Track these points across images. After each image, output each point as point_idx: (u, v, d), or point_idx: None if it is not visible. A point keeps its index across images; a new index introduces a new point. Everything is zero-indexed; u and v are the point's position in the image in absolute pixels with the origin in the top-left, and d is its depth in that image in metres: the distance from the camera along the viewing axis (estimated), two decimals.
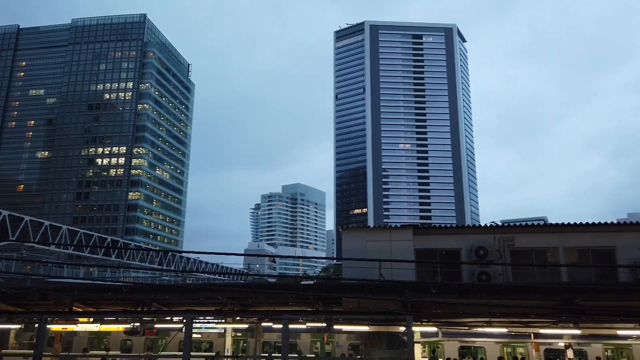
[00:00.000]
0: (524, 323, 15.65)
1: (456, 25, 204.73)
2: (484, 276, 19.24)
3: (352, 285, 15.99)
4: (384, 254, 19.56)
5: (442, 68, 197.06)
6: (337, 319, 15.73)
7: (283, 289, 17.19)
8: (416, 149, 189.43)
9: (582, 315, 14.39)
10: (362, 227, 23.92)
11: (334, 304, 17.58)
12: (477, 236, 20.51)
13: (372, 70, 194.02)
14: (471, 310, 15.40)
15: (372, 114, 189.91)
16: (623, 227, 20.11)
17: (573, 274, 19.85)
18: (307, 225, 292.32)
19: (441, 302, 15.54)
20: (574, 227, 19.90)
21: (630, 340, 18.18)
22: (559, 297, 14.84)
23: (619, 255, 19.23)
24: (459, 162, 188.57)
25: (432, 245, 21.21)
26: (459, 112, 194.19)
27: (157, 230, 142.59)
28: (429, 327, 16.71)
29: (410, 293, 15.08)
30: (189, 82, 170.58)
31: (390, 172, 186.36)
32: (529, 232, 20.51)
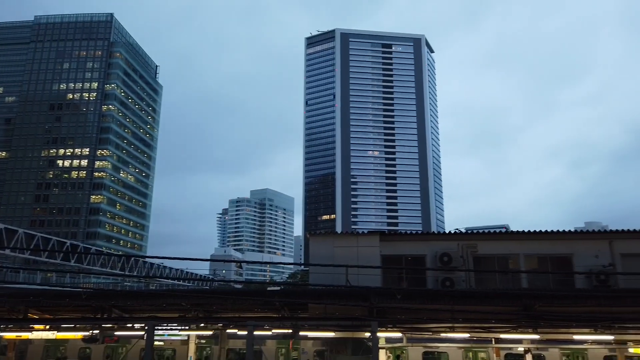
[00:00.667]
0: (486, 328, 15.99)
1: (424, 36, 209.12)
2: (447, 282, 19.58)
3: (318, 291, 15.99)
4: (351, 260, 19.64)
5: (411, 77, 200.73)
6: (303, 325, 15.68)
7: (249, 295, 17.03)
8: (384, 156, 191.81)
9: (541, 321, 14.83)
10: (330, 233, 23.99)
11: (300, 310, 17.52)
12: (442, 243, 20.89)
13: (342, 77, 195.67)
14: (435, 316, 15.65)
15: (342, 120, 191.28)
16: (579, 235, 20.89)
17: (533, 280, 20.46)
18: (275, 230, 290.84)
19: (406, 308, 15.72)
20: (534, 234, 20.54)
21: (585, 345, 18.82)
22: (519, 303, 15.26)
23: (576, 262, 19.96)
24: (425, 170, 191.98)
25: (398, 252, 21.46)
26: (426, 120, 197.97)
27: (120, 235, 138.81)
28: (394, 332, 16.85)
29: (375, 299, 15.21)
30: (157, 84, 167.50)
31: (358, 179, 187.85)
32: (491, 239, 21.03)
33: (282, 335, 17.56)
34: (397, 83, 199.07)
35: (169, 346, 23.63)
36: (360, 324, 15.18)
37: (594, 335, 15.81)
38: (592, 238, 20.48)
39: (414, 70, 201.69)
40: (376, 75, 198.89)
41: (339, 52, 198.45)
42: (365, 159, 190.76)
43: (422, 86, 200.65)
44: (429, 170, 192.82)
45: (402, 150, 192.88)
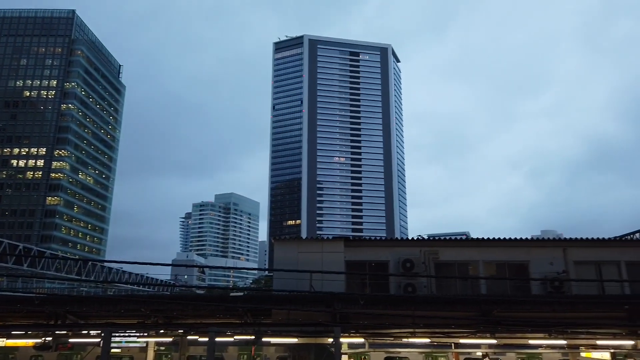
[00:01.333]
0: (446, 333, 16.30)
1: (391, 45, 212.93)
2: (409, 288, 19.87)
3: (282, 297, 15.91)
4: (315, 266, 19.65)
5: (377, 85, 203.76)
6: (266, 331, 15.55)
7: (211, 301, 16.75)
8: (350, 162, 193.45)
9: (498, 326, 15.24)
10: (295, 238, 23.95)
11: (264, 316, 17.37)
12: (405, 249, 21.18)
13: (310, 83, 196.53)
14: (397, 321, 15.84)
15: (309, 126, 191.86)
16: (535, 242, 21.65)
17: (491, 286, 21.02)
18: (240, 235, 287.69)
19: (369, 314, 15.84)
20: (493, 242, 21.13)
21: (540, 349, 19.45)
22: (478, 309, 15.65)
23: (532, 269, 20.65)
24: (390, 177, 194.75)
25: (362, 257, 21.62)
26: (391, 128, 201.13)
27: (77, 238, 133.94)
28: (357, 338, 16.93)
29: (339, 304, 15.25)
30: (120, 84, 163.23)
31: (324, 185, 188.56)
32: (452, 246, 21.50)
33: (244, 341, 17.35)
34: (363, 91, 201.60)
35: (127, 353, 22.93)
36: (323, 330, 15.19)
37: (548, 340, 16.37)
38: (547, 246, 21.25)
39: (381, 79, 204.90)
40: (343, 82, 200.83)
41: (307, 58, 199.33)
42: (331, 164, 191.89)
43: (388, 94, 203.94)
44: (394, 177, 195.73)
45: (368, 157, 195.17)
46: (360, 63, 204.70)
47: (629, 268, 20.78)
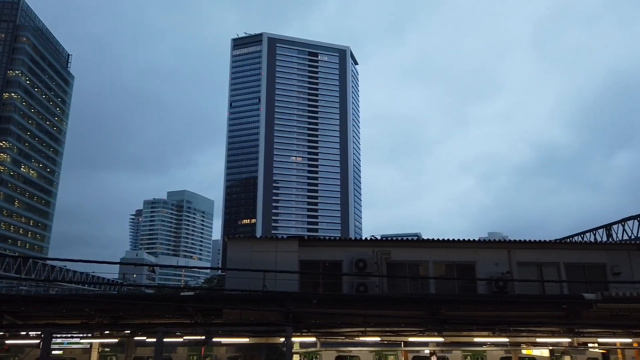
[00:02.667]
0: (396, 332, 16.62)
1: (350, 48, 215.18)
2: (362, 287, 20.15)
3: (234, 297, 15.73)
4: (269, 265, 19.57)
5: (335, 87, 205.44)
6: (217, 330, 15.32)
7: (160, 300, 16.33)
8: (307, 162, 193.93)
9: (445, 324, 15.71)
10: (249, 237, 23.75)
11: (215, 316, 17.11)
12: (358, 249, 21.46)
13: (268, 82, 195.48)
14: (349, 320, 16.01)
15: (266, 125, 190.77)
16: (482, 244, 22.50)
17: (440, 286, 21.66)
18: (193, 234, 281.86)
19: (321, 313, 15.93)
20: (442, 243, 21.79)
21: (484, 347, 20.22)
22: (427, 308, 16.07)
23: (478, 269, 21.45)
24: (346, 178, 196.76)
25: (316, 257, 21.73)
26: (348, 129, 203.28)
27: (18, 235, 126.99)
28: (309, 337, 16.99)
29: (292, 304, 15.24)
30: (68, 74, 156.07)
31: (280, 184, 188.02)
32: (403, 246, 21.98)
33: (194, 342, 17.03)
34: (322, 91, 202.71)
35: (69, 355, 21.98)
36: (275, 329, 15.14)
37: (492, 338, 17.02)
38: (493, 247, 22.12)
39: (339, 80, 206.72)
40: (302, 82, 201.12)
41: (265, 57, 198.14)
42: (288, 164, 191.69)
43: (345, 96, 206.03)
44: (350, 177, 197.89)
45: (325, 157, 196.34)
46: (319, 64, 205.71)
47: (567, 269, 21.98)
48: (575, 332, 16.53)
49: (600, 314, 15.82)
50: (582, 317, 16.02)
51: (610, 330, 16.41)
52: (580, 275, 21.77)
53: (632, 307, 15.55)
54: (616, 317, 16.06)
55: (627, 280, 21.00)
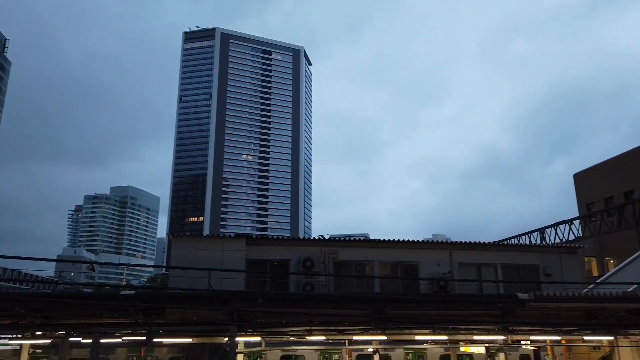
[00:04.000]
0: (341, 331, 16.81)
1: (304, 48, 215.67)
2: (308, 286, 20.26)
3: (177, 295, 15.35)
4: (215, 264, 19.30)
5: (288, 86, 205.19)
6: (158, 330, 14.90)
7: (98, 299, 15.67)
8: (258, 161, 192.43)
9: (389, 323, 16.06)
10: (194, 235, 23.30)
11: (157, 316, 16.61)
12: (306, 248, 21.57)
13: (220, 78, 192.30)
14: (295, 320, 16.03)
15: (217, 121, 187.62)
16: (425, 245, 23.22)
17: (385, 285, 22.16)
18: (136, 231, 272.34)
19: (267, 312, 15.85)
20: (388, 243, 22.30)
21: (425, 345, 20.85)
22: (371, 307, 16.35)
23: (421, 269, 22.13)
24: (297, 177, 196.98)
25: (264, 256, 21.65)
26: (300, 129, 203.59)
27: None
28: (253, 337, 16.86)
29: (237, 303, 15.07)
30: (4, 59, 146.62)
31: (230, 182, 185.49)
32: (350, 246, 22.31)
33: (133, 342, 16.48)
34: (274, 90, 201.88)
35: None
36: (219, 329, 14.92)
37: (432, 336, 17.58)
38: (436, 248, 22.89)
39: (292, 80, 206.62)
40: (255, 80, 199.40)
41: (218, 52, 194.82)
42: (239, 162, 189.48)
43: (298, 95, 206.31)
44: (301, 177, 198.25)
45: (276, 156, 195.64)
46: (273, 62, 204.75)
47: (504, 270, 23.10)
48: (510, 330, 17.36)
49: (533, 313, 16.68)
50: (516, 315, 16.83)
51: (541, 328, 17.37)
52: (516, 276, 22.95)
53: (562, 306, 16.51)
54: (547, 315, 17.01)
55: (558, 280, 22.32)
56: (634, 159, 37.70)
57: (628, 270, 25.72)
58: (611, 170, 40.40)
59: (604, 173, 41.25)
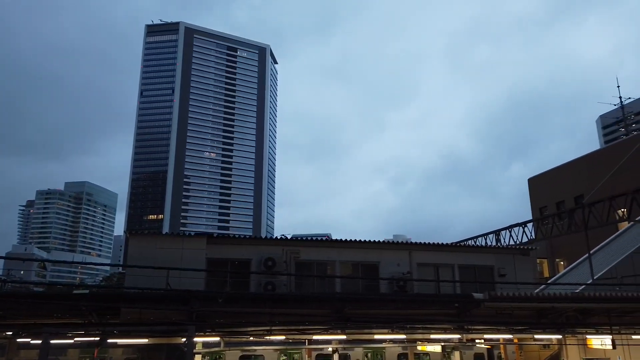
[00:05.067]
0: (301, 330, 16.84)
1: (270, 46, 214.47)
2: (270, 286, 20.19)
3: (133, 295, 14.96)
4: (175, 263, 18.94)
5: (254, 84, 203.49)
6: (113, 331, 14.48)
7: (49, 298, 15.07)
8: (221, 159, 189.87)
9: (349, 322, 16.20)
10: (153, 233, 22.77)
11: (111, 315, 16.14)
12: (268, 247, 21.49)
13: (184, 73, 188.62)
14: (255, 319, 15.93)
15: (179, 118, 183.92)
16: (385, 245, 23.58)
17: (346, 285, 22.35)
18: (92, 229, 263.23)
19: (227, 312, 15.68)
20: (349, 243, 22.50)
21: (384, 344, 21.16)
22: (332, 306, 16.45)
23: (382, 269, 22.45)
24: (260, 176, 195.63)
25: (225, 255, 21.41)
26: (265, 127, 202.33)
27: None
28: (212, 337, 16.65)
29: (196, 303, 14.83)
30: None
31: (192, 180, 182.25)
32: (312, 246, 22.39)
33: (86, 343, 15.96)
34: (239, 87, 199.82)
35: None
36: (176, 329, 14.64)
37: (390, 335, 17.88)
38: (396, 248, 23.29)
39: (257, 78, 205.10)
40: (219, 77, 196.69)
41: (181, 47, 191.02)
42: (201, 159, 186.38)
43: (264, 94, 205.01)
44: (264, 176, 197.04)
45: (239, 154, 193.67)
46: (238, 59, 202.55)
47: (460, 270, 23.75)
48: (465, 329, 17.87)
49: (487, 312, 17.22)
50: (471, 315, 17.33)
51: (495, 327, 17.97)
52: (472, 276, 23.64)
53: (514, 306, 17.12)
54: (500, 315, 17.60)
55: (511, 281, 23.14)
56: (584, 166, 39.56)
57: (577, 272, 26.98)
58: (563, 175, 42.24)
59: (557, 178, 43.07)
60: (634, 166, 32.53)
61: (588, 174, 37.89)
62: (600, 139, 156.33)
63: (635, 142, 33.96)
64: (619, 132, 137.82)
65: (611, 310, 17.93)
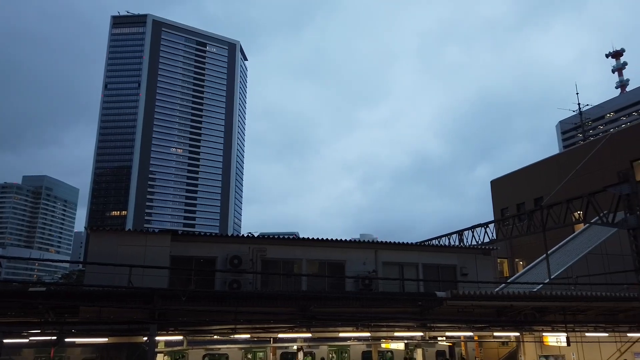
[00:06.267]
0: (266, 329, 16.79)
1: (240, 42, 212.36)
2: (235, 284, 20.03)
3: (93, 292, 14.55)
4: (138, 260, 18.53)
5: (223, 80, 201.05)
6: (71, 330, 14.06)
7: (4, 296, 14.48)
8: (188, 155, 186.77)
9: (314, 321, 16.27)
10: (115, 230, 22.23)
11: (70, 314, 15.66)
12: (234, 245, 21.31)
13: (151, 67, 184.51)
14: (219, 318, 15.78)
15: (145, 112, 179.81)
16: (352, 244, 23.76)
17: (312, 283, 22.41)
18: (51, 224, 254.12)
19: (190, 310, 15.46)
20: (316, 242, 22.58)
21: (348, 341, 21.34)
22: (297, 304, 16.47)
23: (348, 268, 22.64)
24: (228, 173, 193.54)
25: (190, 253, 21.09)
26: (234, 124, 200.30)
27: None
28: (175, 336, 16.38)
29: (158, 301, 14.56)
30: None
31: (157, 176, 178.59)
32: (279, 244, 22.35)
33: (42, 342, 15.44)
34: (208, 83, 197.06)
35: None
36: (138, 328, 14.35)
37: (355, 333, 18.05)
38: (362, 247, 23.51)
39: (227, 74, 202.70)
40: (187, 71, 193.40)
41: (149, 40, 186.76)
42: (168, 155, 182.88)
43: (233, 90, 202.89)
44: (232, 173, 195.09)
45: (207, 150, 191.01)
46: (207, 55, 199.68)
47: (424, 269, 24.20)
48: (428, 326, 18.24)
49: (449, 310, 17.63)
50: (434, 313, 17.70)
51: (456, 325, 18.41)
52: (435, 275, 24.13)
53: (475, 304, 17.59)
54: (461, 313, 18.05)
55: (473, 280, 23.74)
56: (544, 169, 40.98)
57: (535, 271, 27.95)
58: (524, 178, 43.64)
59: (518, 181, 44.46)
60: (590, 170, 33.95)
61: (547, 177, 39.27)
62: (559, 144, 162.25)
63: (591, 148, 35.44)
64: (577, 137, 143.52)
65: (566, 309, 18.66)
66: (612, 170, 24.09)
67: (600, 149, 34.29)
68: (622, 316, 20.11)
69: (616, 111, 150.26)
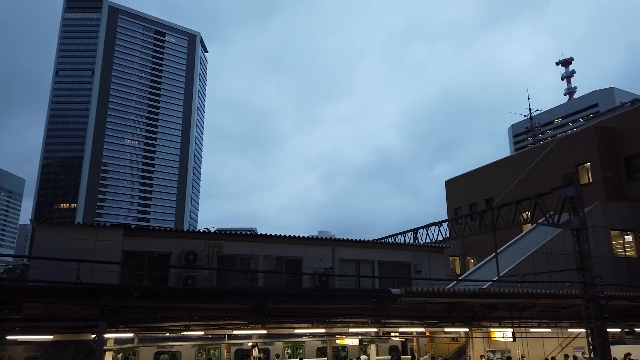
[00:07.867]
0: (220, 325, 16.59)
1: (200, 33, 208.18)
2: (190, 280, 19.66)
3: (37, 288, 13.92)
4: (87, 255, 17.86)
5: (182, 72, 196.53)
6: (13, 327, 13.41)
7: None
8: (143, 147, 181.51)
9: (269, 317, 16.22)
10: (63, 223, 21.33)
11: (12, 310, 14.92)
12: (190, 241, 20.91)
13: (106, 55, 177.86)
14: (172, 314, 15.47)
15: (99, 101, 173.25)
16: (309, 241, 23.87)
17: (269, 279, 22.32)
18: None
19: (142, 306, 15.06)
20: (274, 238, 22.50)
21: (304, 338, 21.42)
22: (253, 301, 16.37)
23: (305, 264, 22.69)
24: (185, 166, 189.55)
25: (143, 248, 20.54)
26: (192, 116, 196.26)
27: None
28: (126, 333, 15.93)
29: (108, 297, 14.11)
30: None
31: (110, 168, 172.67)
32: (236, 240, 22.10)
33: None
34: (166, 74, 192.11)
35: None
36: (85, 325, 13.86)
37: (310, 329, 18.13)
38: (320, 244, 23.63)
39: (186, 65, 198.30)
40: (145, 61, 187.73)
41: (104, 27, 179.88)
42: (122, 146, 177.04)
43: (192, 82, 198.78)
44: (189, 166, 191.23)
45: (163, 143, 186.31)
46: (166, 45, 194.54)
47: (380, 266, 24.59)
48: (382, 322, 18.57)
49: (403, 307, 18.02)
50: (388, 309, 18.05)
51: (410, 321, 18.84)
52: (390, 272, 24.57)
53: (428, 300, 18.05)
54: (415, 309, 18.49)
55: (426, 277, 24.35)
56: (495, 171, 42.50)
57: (485, 269, 28.97)
58: (476, 179, 45.10)
59: (471, 181, 45.90)
60: (539, 173, 35.49)
61: (498, 178, 40.73)
62: (511, 147, 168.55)
63: (540, 152, 37.04)
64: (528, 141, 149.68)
65: (513, 306, 19.48)
66: (559, 173, 25.28)
67: (548, 153, 35.89)
68: (565, 313, 21.21)
69: (564, 117, 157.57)
